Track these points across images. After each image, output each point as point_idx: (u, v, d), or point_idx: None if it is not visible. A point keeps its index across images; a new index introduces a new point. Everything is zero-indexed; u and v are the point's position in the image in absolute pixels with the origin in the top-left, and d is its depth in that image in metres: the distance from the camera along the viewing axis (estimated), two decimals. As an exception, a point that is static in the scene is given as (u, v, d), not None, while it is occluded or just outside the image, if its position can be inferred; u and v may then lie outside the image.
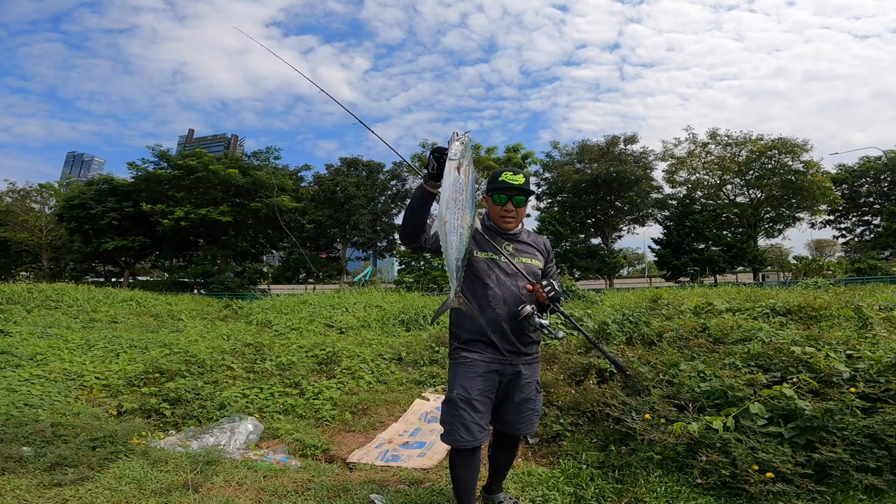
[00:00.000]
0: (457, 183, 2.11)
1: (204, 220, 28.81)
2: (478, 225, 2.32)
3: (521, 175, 2.46)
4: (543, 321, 2.31)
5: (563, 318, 2.55)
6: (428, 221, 2.29)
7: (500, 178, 2.44)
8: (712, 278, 31.24)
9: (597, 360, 4.69)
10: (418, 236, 2.28)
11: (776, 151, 31.40)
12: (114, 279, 36.54)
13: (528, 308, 2.32)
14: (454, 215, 2.12)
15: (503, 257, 2.43)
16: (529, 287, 2.38)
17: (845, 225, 38.55)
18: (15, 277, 30.87)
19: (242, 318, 12.39)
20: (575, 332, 6.27)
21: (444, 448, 3.71)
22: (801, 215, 34.17)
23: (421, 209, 2.24)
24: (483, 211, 2.61)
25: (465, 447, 2.33)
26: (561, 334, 2.33)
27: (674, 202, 34.97)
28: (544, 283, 2.37)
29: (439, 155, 2.13)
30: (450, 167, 2.10)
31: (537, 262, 2.54)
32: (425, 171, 2.18)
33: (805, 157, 31.14)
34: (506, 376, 2.40)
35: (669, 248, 32.94)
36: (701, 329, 5.34)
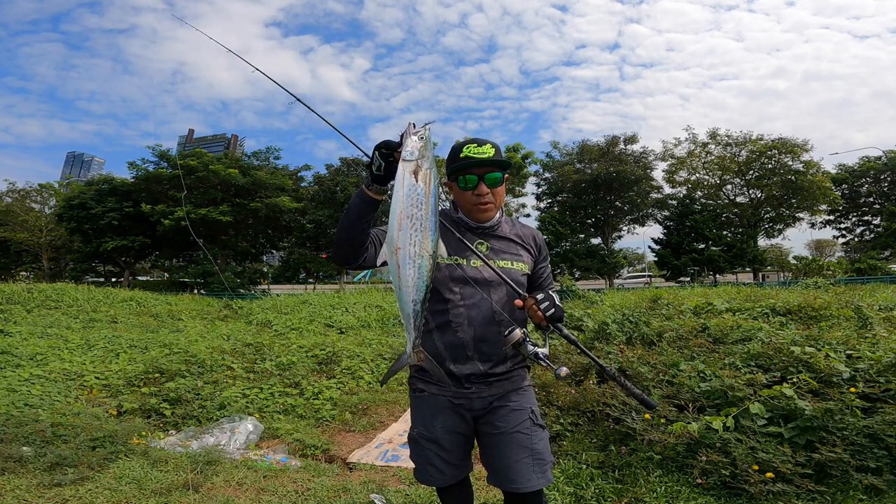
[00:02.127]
0: (413, 193, 1.51)
1: (204, 219, 28.82)
2: (442, 251, 1.65)
3: (489, 145, 1.78)
4: (540, 349, 1.70)
5: (572, 344, 1.80)
6: (372, 233, 1.73)
7: (461, 155, 1.78)
8: (712, 278, 31.25)
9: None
10: (357, 255, 1.68)
11: (776, 151, 31.40)
12: (114, 279, 36.54)
13: (518, 333, 1.70)
14: (410, 239, 1.52)
15: (472, 260, 1.80)
16: (519, 302, 1.71)
17: (845, 225, 38.55)
18: (15, 277, 30.89)
19: (242, 318, 12.39)
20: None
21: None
22: (801, 215, 34.17)
23: (359, 221, 1.62)
24: (446, 199, 2.06)
25: (440, 486, 1.91)
26: (564, 371, 1.66)
27: (674, 202, 34.96)
28: (540, 296, 1.68)
29: (387, 151, 1.55)
30: (403, 171, 1.52)
31: (521, 266, 1.87)
32: (365, 173, 1.63)
33: (805, 157, 31.15)
34: (477, 411, 1.83)
35: (669, 248, 32.93)
36: (701, 329, 5.34)
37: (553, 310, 1.67)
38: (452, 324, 1.78)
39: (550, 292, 1.72)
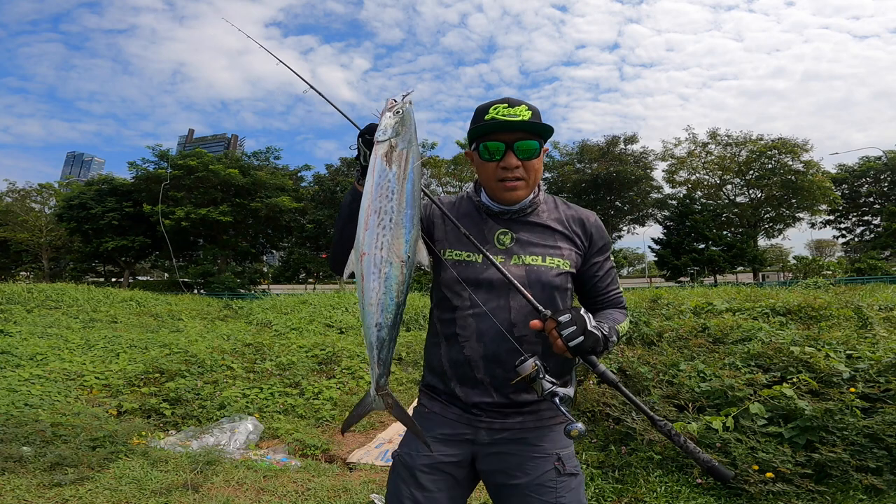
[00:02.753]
0: (384, 181, 1.19)
1: (204, 220, 28.84)
2: (422, 257, 1.26)
3: (524, 106, 1.36)
4: (560, 389, 1.22)
5: (614, 388, 1.29)
6: None
7: (486, 117, 1.37)
8: (712, 278, 31.26)
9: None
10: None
11: (776, 151, 31.43)
12: (114, 279, 36.54)
13: (531, 364, 1.23)
14: (376, 241, 1.18)
15: (491, 256, 1.35)
16: (536, 323, 1.25)
17: (845, 225, 38.60)
18: (15, 277, 30.89)
19: (242, 318, 12.40)
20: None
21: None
22: (801, 215, 34.22)
23: (352, 222, 1.26)
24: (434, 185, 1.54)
25: None
26: (578, 428, 1.15)
27: (674, 202, 34.99)
28: (564, 317, 1.21)
29: (371, 137, 1.24)
30: (375, 155, 1.21)
31: (557, 262, 1.40)
32: (357, 166, 1.33)
33: (805, 157, 31.20)
34: (482, 447, 1.40)
35: (669, 248, 32.95)
36: (701, 329, 5.35)
37: (581, 338, 1.19)
38: (459, 336, 1.39)
39: (582, 312, 1.23)
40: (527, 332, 1.32)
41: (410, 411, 1.52)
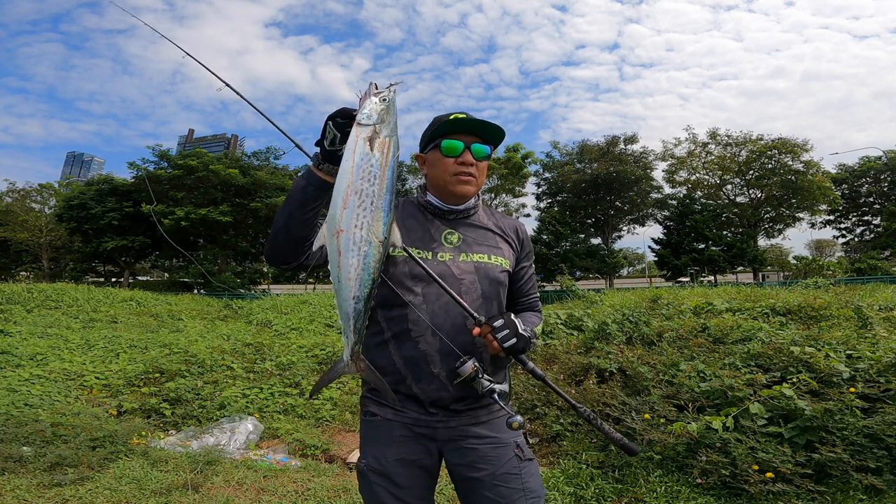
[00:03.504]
0: (366, 164, 1.22)
1: (204, 220, 28.84)
2: (396, 239, 1.32)
3: (480, 119, 1.48)
4: (497, 386, 1.35)
5: (540, 381, 1.45)
6: (318, 226, 1.36)
7: (448, 118, 1.49)
8: (712, 278, 31.26)
9: (597, 360, 4.69)
10: (297, 252, 1.37)
11: (776, 151, 31.42)
12: (114, 279, 36.53)
13: (471, 365, 1.34)
14: (356, 220, 1.22)
15: (439, 254, 1.46)
16: (476, 330, 1.35)
17: (845, 225, 38.58)
18: (15, 277, 30.88)
19: (242, 318, 12.40)
20: (575, 333, 6.27)
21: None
22: (801, 215, 34.19)
23: (303, 209, 1.31)
24: (411, 182, 1.63)
25: None
26: (517, 421, 1.31)
27: (674, 202, 34.97)
28: (498, 322, 1.33)
29: (344, 121, 1.26)
30: (357, 137, 1.23)
31: (500, 261, 1.52)
32: (317, 150, 1.33)
33: (805, 157, 31.17)
34: (445, 443, 1.46)
35: (669, 248, 32.95)
36: (701, 329, 5.35)
37: (513, 340, 1.31)
38: (412, 332, 1.40)
39: (513, 317, 1.35)
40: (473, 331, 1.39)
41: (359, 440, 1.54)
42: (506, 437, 1.47)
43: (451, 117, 1.48)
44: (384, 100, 1.25)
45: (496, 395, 1.35)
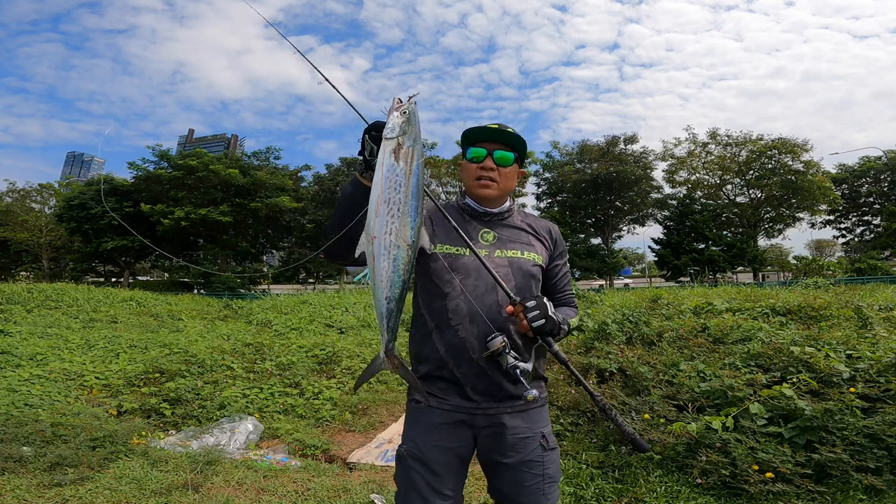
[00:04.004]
0: (392, 174, 1.35)
1: (204, 220, 28.83)
2: (425, 242, 1.46)
3: (509, 128, 1.65)
4: (521, 364, 1.46)
5: (563, 365, 1.53)
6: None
7: (473, 128, 1.68)
8: (712, 278, 31.26)
9: (597, 360, 4.69)
10: (351, 250, 1.48)
11: (776, 151, 31.42)
12: (114, 279, 36.52)
13: (499, 340, 1.47)
14: (386, 227, 1.35)
15: (476, 250, 1.56)
16: (509, 308, 1.49)
17: (845, 225, 38.58)
18: (15, 277, 30.87)
19: (242, 318, 12.39)
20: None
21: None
22: (801, 215, 34.20)
23: (352, 212, 1.46)
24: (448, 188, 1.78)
25: None
26: (534, 392, 1.46)
27: (674, 202, 34.99)
28: (530, 302, 1.45)
29: (377, 133, 1.39)
30: (384, 150, 1.36)
31: (533, 256, 1.65)
32: (360, 158, 1.48)
33: (805, 157, 31.18)
34: (480, 429, 1.58)
35: (669, 248, 32.95)
36: (701, 329, 5.35)
37: (542, 321, 1.43)
38: (452, 321, 1.55)
39: (545, 300, 1.48)
40: (505, 315, 1.53)
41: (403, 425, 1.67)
42: (535, 428, 1.61)
43: (478, 126, 1.66)
44: (404, 113, 1.37)
45: (518, 371, 1.45)
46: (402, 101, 1.39)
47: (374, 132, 1.41)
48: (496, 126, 1.64)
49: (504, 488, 1.62)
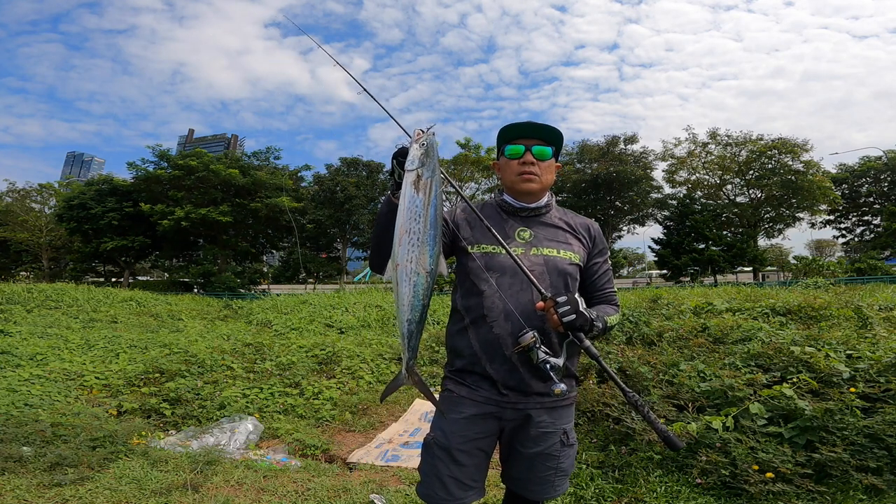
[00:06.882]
0: (413, 206, 1.44)
1: (204, 220, 28.82)
2: (443, 269, 1.52)
3: (549, 125, 1.71)
4: (552, 359, 1.49)
5: (594, 360, 1.54)
6: None
7: (509, 125, 1.73)
8: (712, 278, 31.25)
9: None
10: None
11: (776, 151, 31.39)
12: (114, 279, 36.51)
13: (530, 336, 1.51)
14: (407, 255, 1.45)
15: (512, 248, 1.60)
16: (540, 304, 1.51)
17: (845, 225, 38.57)
18: (15, 277, 30.87)
19: (242, 318, 12.39)
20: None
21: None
22: (801, 215, 34.18)
23: (388, 230, 1.52)
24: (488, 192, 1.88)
25: None
26: (562, 386, 1.50)
27: (674, 202, 34.97)
28: (561, 298, 1.47)
29: (404, 159, 1.49)
30: (406, 182, 1.46)
31: (569, 255, 1.67)
32: (391, 180, 1.56)
33: (805, 157, 31.14)
34: (508, 422, 1.65)
35: (669, 247, 32.94)
36: (701, 329, 5.35)
37: (573, 316, 1.45)
38: (487, 318, 1.61)
39: (577, 297, 1.50)
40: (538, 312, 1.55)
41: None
42: (559, 424, 1.68)
43: (514, 123, 1.71)
44: (422, 145, 1.47)
45: (549, 366, 1.49)
46: (422, 132, 1.48)
47: (401, 157, 1.49)
48: (531, 122, 1.70)
49: (517, 474, 1.71)
